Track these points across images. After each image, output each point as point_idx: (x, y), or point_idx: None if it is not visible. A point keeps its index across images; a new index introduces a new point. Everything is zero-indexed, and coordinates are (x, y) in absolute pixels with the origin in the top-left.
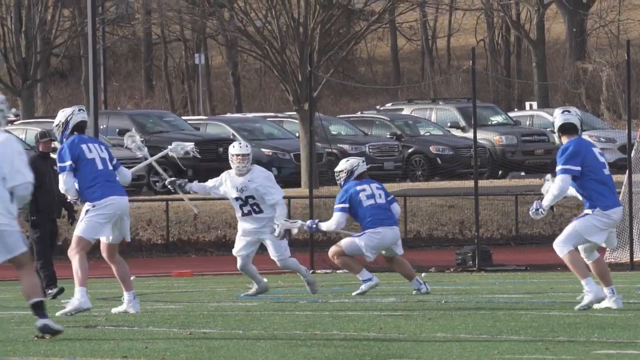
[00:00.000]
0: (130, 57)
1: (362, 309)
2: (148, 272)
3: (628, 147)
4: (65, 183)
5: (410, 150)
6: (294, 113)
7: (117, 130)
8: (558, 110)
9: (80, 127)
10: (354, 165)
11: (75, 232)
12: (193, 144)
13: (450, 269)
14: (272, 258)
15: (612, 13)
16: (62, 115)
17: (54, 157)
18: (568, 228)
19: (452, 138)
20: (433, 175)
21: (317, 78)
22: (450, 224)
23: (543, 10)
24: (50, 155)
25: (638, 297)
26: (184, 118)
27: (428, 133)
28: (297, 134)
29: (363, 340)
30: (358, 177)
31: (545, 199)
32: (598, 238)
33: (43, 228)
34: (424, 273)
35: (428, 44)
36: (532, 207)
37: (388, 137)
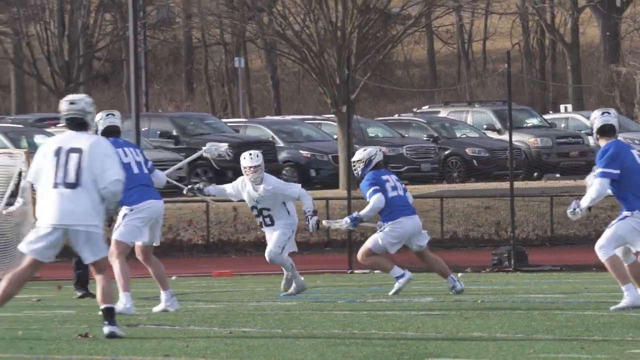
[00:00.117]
0: (171, 60)
1: (399, 309)
2: (189, 272)
3: None
4: None
5: (447, 152)
6: (332, 115)
7: (158, 133)
8: (597, 112)
9: (111, 131)
10: (372, 154)
11: (114, 236)
12: (227, 145)
13: (487, 270)
14: (266, 250)
15: None
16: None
17: None
18: (609, 231)
19: (487, 140)
20: (469, 177)
21: (354, 81)
22: (486, 225)
23: (577, 15)
24: None
25: None
26: (224, 120)
27: (464, 135)
28: (335, 136)
29: (401, 340)
30: (375, 166)
31: (584, 200)
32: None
33: None
34: (460, 273)
35: (464, 47)
36: (570, 206)
37: (425, 139)
